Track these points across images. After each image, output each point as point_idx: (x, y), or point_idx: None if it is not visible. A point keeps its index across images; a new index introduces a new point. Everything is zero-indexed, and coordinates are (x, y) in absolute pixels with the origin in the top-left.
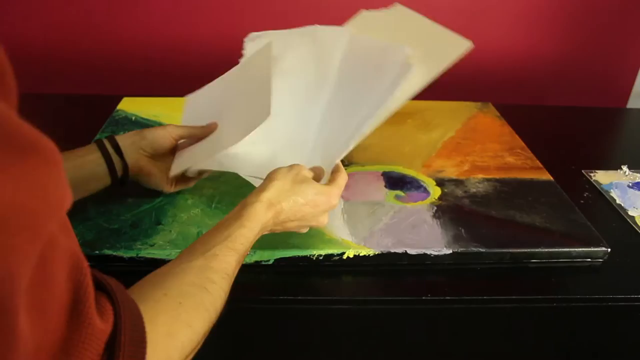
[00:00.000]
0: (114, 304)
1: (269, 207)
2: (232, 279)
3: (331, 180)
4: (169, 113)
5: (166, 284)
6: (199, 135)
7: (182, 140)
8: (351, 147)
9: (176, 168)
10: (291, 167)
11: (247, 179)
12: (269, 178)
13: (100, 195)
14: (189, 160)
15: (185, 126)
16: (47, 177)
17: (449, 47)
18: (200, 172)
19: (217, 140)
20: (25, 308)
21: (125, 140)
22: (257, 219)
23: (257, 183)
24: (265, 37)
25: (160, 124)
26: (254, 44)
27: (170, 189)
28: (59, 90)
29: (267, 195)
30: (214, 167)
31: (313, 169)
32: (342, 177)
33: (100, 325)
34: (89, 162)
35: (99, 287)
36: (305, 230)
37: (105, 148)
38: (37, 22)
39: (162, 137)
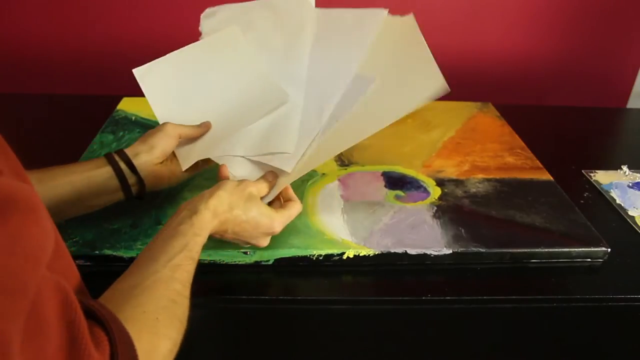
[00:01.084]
0: (108, 333)
1: (214, 215)
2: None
3: (283, 206)
4: None
5: (141, 299)
6: (196, 135)
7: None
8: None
9: (186, 162)
10: (240, 182)
11: (251, 158)
12: (217, 186)
13: None
14: (198, 154)
15: (183, 126)
16: (24, 229)
17: (425, 87)
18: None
19: (223, 140)
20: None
21: (137, 157)
22: (206, 227)
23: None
24: (221, 11)
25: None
26: (210, 20)
27: (188, 176)
28: (59, 90)
29: (213, 203)
30: (218, 153)
31: (265, 178)
32: (295, 208)
33: (99, 358)
34: (98, 176)
35: (88, 314)
36: (244, 245)
37: (116, 163)
38: (37, 23)
39: (169, 144)
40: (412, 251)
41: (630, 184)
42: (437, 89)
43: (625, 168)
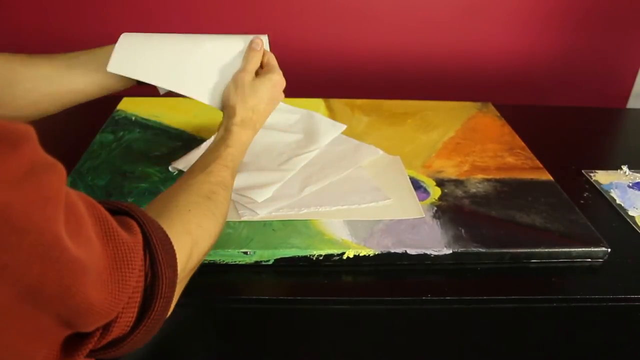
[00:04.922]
0: (137, 221)
1: (242, 127)
2: (230, 190)
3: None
4: (169, 113)
5: (175, 198)
6: None
7: None
8: None
9: (118, 67)
10: (235, 81)
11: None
12: (231, 105)
13: (100, 194)
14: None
15: None
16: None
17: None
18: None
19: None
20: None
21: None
22: (238, 140)
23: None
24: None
25: (160, 124)
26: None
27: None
28: None
29: (238, 119)
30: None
31: (248, 56)
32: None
33: (131, 239)
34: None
35: (119, 213)
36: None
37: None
38: (37, 22)
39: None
40: (412, 251)
41: (630, 184)
42: (413, 212)
43: (625, 168)
